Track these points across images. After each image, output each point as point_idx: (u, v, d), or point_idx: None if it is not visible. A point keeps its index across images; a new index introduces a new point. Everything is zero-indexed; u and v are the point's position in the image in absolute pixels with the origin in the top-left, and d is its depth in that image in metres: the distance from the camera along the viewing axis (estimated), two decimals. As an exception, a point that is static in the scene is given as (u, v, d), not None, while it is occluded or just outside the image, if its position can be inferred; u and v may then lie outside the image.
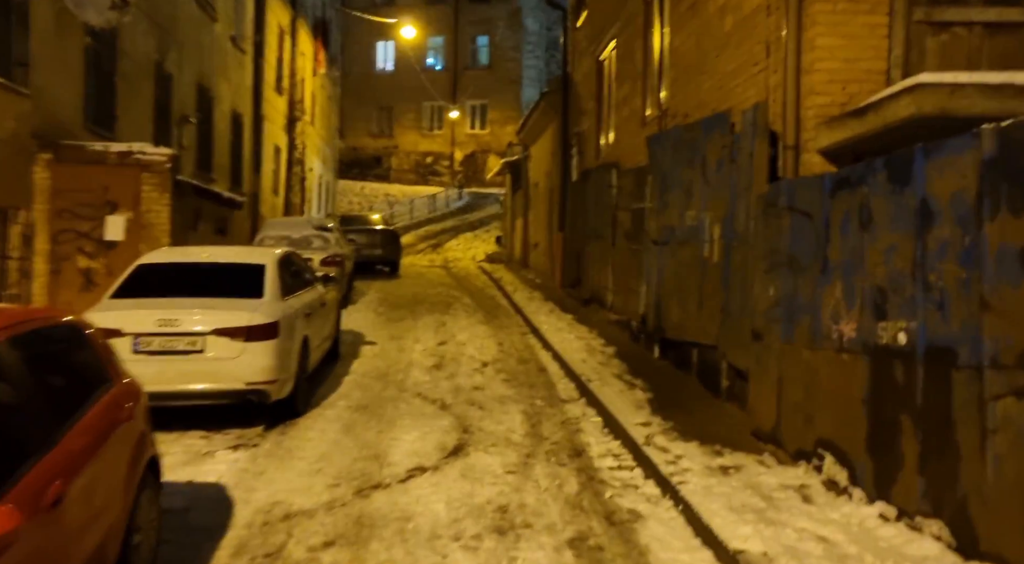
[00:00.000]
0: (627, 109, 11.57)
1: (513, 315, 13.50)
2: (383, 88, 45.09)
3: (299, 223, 14.34)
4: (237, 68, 19.00)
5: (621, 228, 11.21)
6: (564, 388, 8.36)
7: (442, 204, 40.75)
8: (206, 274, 7.15)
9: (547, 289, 16.09)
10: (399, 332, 11.66)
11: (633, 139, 11.14)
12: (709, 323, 7.44)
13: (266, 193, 22.04)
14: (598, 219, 12.63)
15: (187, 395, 6.34)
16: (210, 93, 16.88)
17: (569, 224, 15.48)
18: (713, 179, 7.47)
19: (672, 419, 6.63)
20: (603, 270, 12.19)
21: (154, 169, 9.89)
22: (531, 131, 19.89)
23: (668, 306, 8.50)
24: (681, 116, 8.92)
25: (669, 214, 8.51)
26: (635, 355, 9.40)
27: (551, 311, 13.04)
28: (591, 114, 14.11)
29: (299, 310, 7.36)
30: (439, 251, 28.77)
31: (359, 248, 19.18)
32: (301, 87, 25.78)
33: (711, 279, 7.46)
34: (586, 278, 13.54)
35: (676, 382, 8.00)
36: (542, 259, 19.13)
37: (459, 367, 9.32)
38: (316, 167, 29.92)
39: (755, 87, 6.82)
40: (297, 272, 8.34)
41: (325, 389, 8.16)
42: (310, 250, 13.41)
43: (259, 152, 20.79)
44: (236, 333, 6.39)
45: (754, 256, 6.27)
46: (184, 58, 15.15)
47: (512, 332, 11.85)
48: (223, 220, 12.91)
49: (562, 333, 10.96)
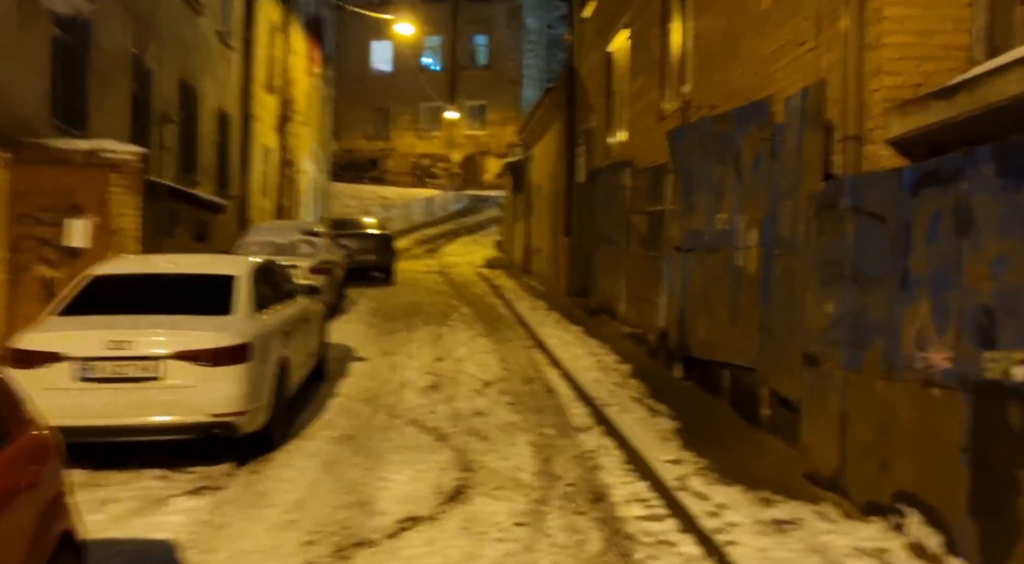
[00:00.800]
0: (642, 103, 10.67)
1: (516, 327, 12.58)
2: (379, 89, 44.19)
3: (285, 228, 13.41)
4: (224, 65, 18.09)
5: (635, 233, 10.30)
6: (577, 414, 7.44)
7: (439, 207, 39.82)
8: (168, 287, 6.23)
9: (552, 298, 15.17)
10: (392, 346, 10.73)
11: (649, 135, 10.23)
12: (744, 342, 6.52)
13: (255, 196, 21.12)
14: (609, 223, 11.71)
15: (141, 430, 5.42)
16: (194, 91, 15.96)
17: (576, 228, 14.57)
18: (749, 177, 6.56)
19: (707, 455, 5.71)
20: (615, 278, 11.27)
21: (123, 169, 8.96)
22: (534, 130, 18.99)
23: (694, 321, 7.58)
24: (707, 108, 8.01)
25: (695, 217, 7.60)
26: (654, 374, 8.48)
27: (557, 322, 12.11)
28: (600, 110, 13.21)
29: (276, 328, 6.43)
30: (436, 256, 27.82)
31: (352, 254, 18.25)
32: (293, 86, 24.88)
33: (746, 291, 6.54)
34: (595, 286, 12.63)
35: (705, 408, 7.08)
36: (545, 265, 18.22)
37: (458, 388, 8.39)
38: (309, 169, 29.00)
39: (802, 70, 5.92)
40: (276, 283, 7.42)
41: (307, 415, 7.23)
42: (297, 257, 12.48)
43: (248, 153, 19.87)
44: (200, 356, 5.46)
45: (804, 266, 5.35)
46: (165, 53, 14.23)
47: (516, 346, 10.93)
48: (204, 225, 11.99)
49: (571, 348, 10.03)
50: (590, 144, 13.89)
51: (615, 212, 11.36)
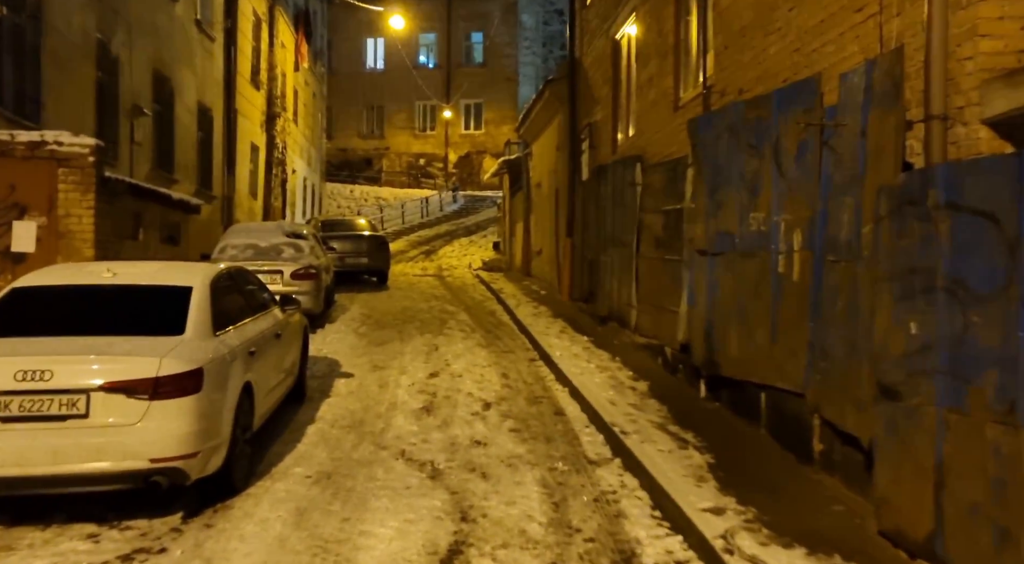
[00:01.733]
0: (654, 92, 9.70)
1: (517, 336, 11.60)
2: (373, 87, 43.22)
3: (268, 230, 12.42)
4: (204, 56, 17.09)
5: (649, 233, 9.34)
6: (591, 442, 6.47)
7: (435, 208, 38.87)
8: (106, 303, 5.24)
9: (554, 303, 14.20)
10: (383, 359, 9.75)
11: (663, 127, 9.28)
12: (789, 362, 5.56)
13: (242, 196, 20.13)
14: (617, 223, 10.75)
15: (60, 480, 4.42)
16: (170, 82, 14.97)
17: (580, 229, 13.61)
18: (791, 170, 5.60)
19: (752, 501, 4.74)
20: (625, 283, 10.31)
21: (74, 163, 7.98)
22: (533, 126, 18.04)
23: (724, 334, 6.61)
24: (734, 93, 7.06)
25: (723, 217, 6.63)
26: (676, 393, 7.52)
27: (562, 331, 11.14)
28: (605, 102, 12.25)
29: (239, 348, 5.45)
30: (432, 258, 26.85)
31: (343, 256, 17.29)
32: (281, 81, 23.90)
33: (790, 303, 5.58)
34: (602, 292, 11.67)
35: (740, 438, 6.11)
36: (547, 268, 17.25)
37: (455, 410, 7.42)
38: (300, 168, 28.01)
39: (860, 42, 4.96)
40: (245, 294, 6.44)
41: (280, 446, 6.25)
42: (279, 261, 11.51)
43: (233, 151, 18.87)
44: (137, 388, 4.48)
45: (872, 275, 4.39)
46: (136, 40, 13.24)
47: (518, 358, 9.95)
48: (174, 227, 11.00)
49: (579, 361, 9.06)
50: (595, 139, 12.93)
51: (625, 211, 10.41)
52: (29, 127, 9.27)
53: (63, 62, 10.71)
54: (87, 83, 11.54)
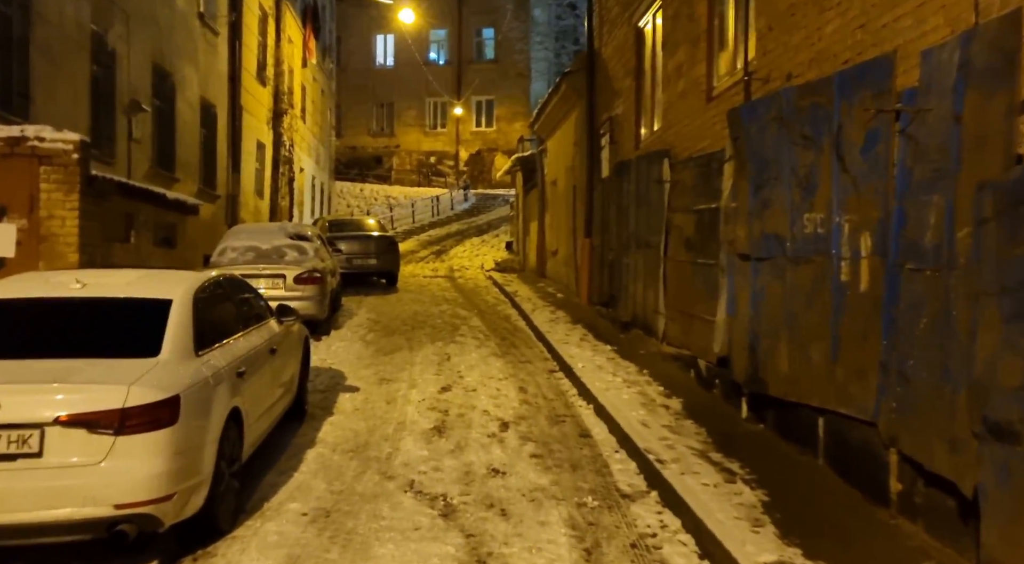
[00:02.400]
0: (683, 82, 8.98)
1: (534, 344, 10.91)
2: (383, 84, 42.61)
3: (270, 231, 11.77)
4: (208, 51, 16.48)
5: (678, 235, 8.63)
6: (623, 471, 5.76)
7: (446, 206, 38.22)
8: (73, 318, 4.59)
9: (572, 307, 13.50)
10: (391, 370, 9.08)
11: (693, 119, 8.56)
12: (855, 385, 4.84)
13: (247, 195, 19.54)
14: (642, 223, 10.04)
15: (6, 532, 3.76)
16: (171, 77, 14.36)
17: (599, 229, 12.90)
18: (857, 163, 4.88)
19: (822, 554, 4.03)
20: (651, 288, 9.60)
21: (57, 161, 7.35)
22: (548, 121, 17.32)
23: (771, 349, 5.89)
24: (780, 79, 6.33)
25: (771, 217, 5.91)
26: (714, 413, 6.80)
27: (583, 339, 10.44)
28: (627, 95, 11.53)
29: (226, 369, 4.78)
30: (443, 258, 26.19)
31: (351, 257, 16.66)
32: (288, 77, 23.29)
33: (856, 316, 4.86)
34: (624, 296, 10.96)
35: (794, 469, 5.39)
36: (563, 269, 16.55)
37: (469, 431, 6.73)
38: (308, 167, 27.42)
39: (946, 13, 4.23)
40: (236, 305, 5.79)
41: (275, 475, 5.59)
42: (282, 264, 10.87)
43: (238, 148, 18.29)
44: (100, 421, 3.82)
45: (973, 288, 3.67)
46: (134, 33, 12.63)
47: (536, 370, 9.26)
48: (170, 228, 10.36)
49: (603, 374, 8.36)
50: (615, 134, 12.21)
51: (650, 210, 9.70)
52: (17, 123, 8.65)
53: (54, 55, 10.10)
54: (81, 77, 10.93)
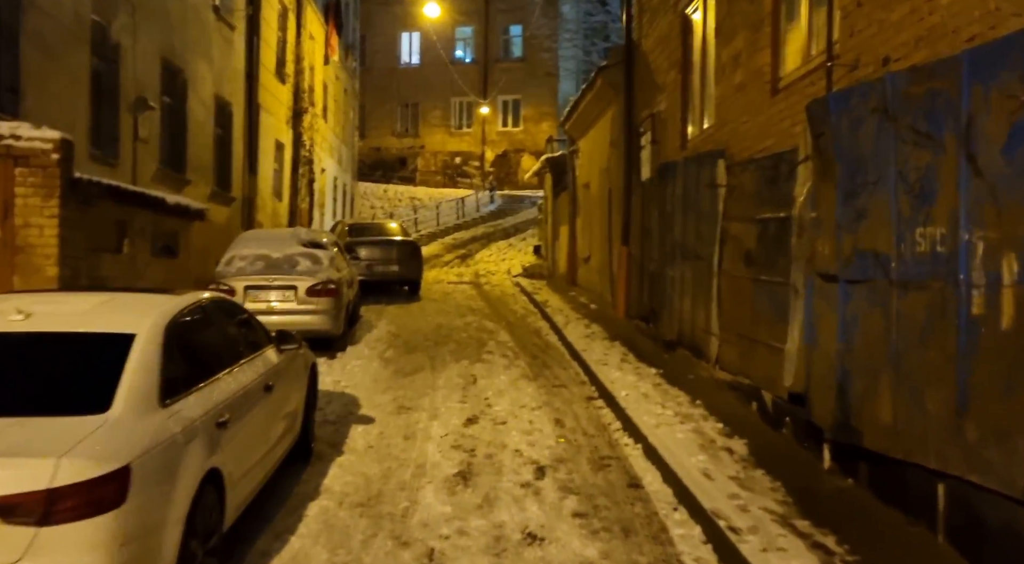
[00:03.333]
0: (741, 73, 7.95)
1: (569, 364, 9.91)
2: (408, 83, 41.85)
3: (282, 238, 10.87)
4: (223, 46, 15.69)
5: (735, 246, 7.60)
6: (686, 538, 4.75)
7: (472, 208, 37.32)
8: (4, 361, 3.68)
9: (608, 321, 12.48)
10: (411, 396, 8.14)
11: (755, 115, 7.53)
12: (993, 448, 3.79)
13: (265, 198, 18.76)
14: (690, 231, 9.02)
15: None
16: (182, 73, 13.57)
17: (638, 236, 11.88)
18: (996, 167, 3.84)
19: None
20: (701, 305, 8.57)
21: (35, 162, 6.51)
22: (580, 120, 16.31)
23: (869, 391, 4.85)
24: (874, 63, 5.30)
25: (868, 230, 4.88)
26: (787, 459, 5.77)
27: (623, 359, 9.42)
28: (672, 89, 10.50)
29: (201, 421, 3.85)
30: (469, 263, 25.27)
31: (371, 264, 15.80)
32: (309, 75, 22.51)
33: (995, 360, 3.81)
34: (668, 312, 9.93)
35: (906, 546, 4.34)
36: (596, 278, 15.53)
37: (499, 478, 5.75)
38: (330, 168, 26.65)
39: None
40: (224, 334, 4.87)
41: (267, 541, 4.64)
42: (294, 275, 9.98)
43: (254, 148, 17.50)
44: (17, 508, 2.89)
45: None
46: (141, 25, 11.83)
47: (573, 396, 8.27)
48: (171, 235, 9.51)
49: (650, 404, 7.34)
50: (657, 133, 11.19)
51: (700, 218, 8.68)
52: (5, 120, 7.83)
53: (49, 46, 9.29)
54: (80, 72, 10.13)
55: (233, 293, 9.66)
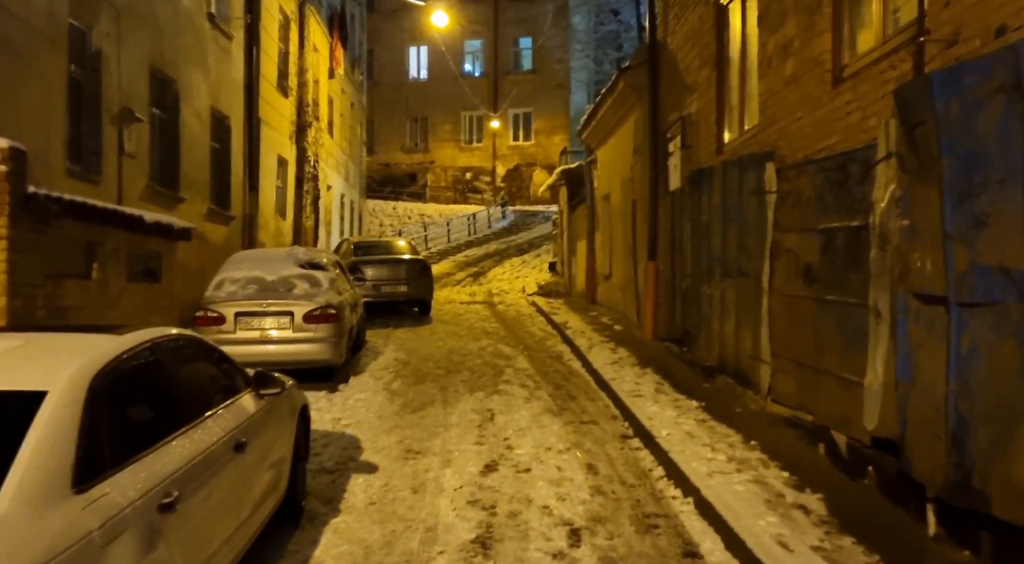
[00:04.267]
0: (793, 63, 6.97)
1: (596, 394, 8.89)
2: (416, 98, 41.13)
3: (277, 258, 9.91)
4: (220, 56, 14.87)
5: (790, 261, 6.60)
6: (770, 637, 3.72)
7: (483, 225, 36.40)
8: None
9: (635, 343, 11.45)
10: (420, 436, 7.15)
11: (812, 110, 6.54)
12: None
13: (267, 216, 17.89)
14: (731, 243, 8.02)
15: None
16: (174, 84, 12.73)
17: (666, 250, 10.88)
18: None
19: None
20: (746, 327, 7.56)
21: (-22, 175, 5.56)
22: (599, 127, 15.36)
23: (999, 444, 3.82)
24: (982, 35, 4.31)
25: (993, 241, 3.87)
26: (878, 521, 4.72)
27: (658, 389, 8.39)
28: (705, 89, 9.53)
29: (138, 505, 2.87)
30: (481, 281, 24.29)
31: (378, 285, 14.87)
32: (313, 88, 21.72)
33: None
34: (706, 334, 8.91)
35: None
36: (618, 295, 14.52)
37: (526, 547, 4.73)
38: (336, 184, 25.82)
39: None
40: (180, 382, 3.91)
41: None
42: (290, 299, 9.03)
43: (255, 164, 16.64)
44: None
45: None
46: (127, 31, 10.99)
47: (605, 435, 7.24)
48: (152, 258, 8.57)
49: (697, 445, 6.30)
50: (688, 137, 10.21)
51: (743, 228, 7.69)
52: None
53: (18, 51, 8.44)
54: (55, 80, 9.27)
55: (222, 320, 8.72)
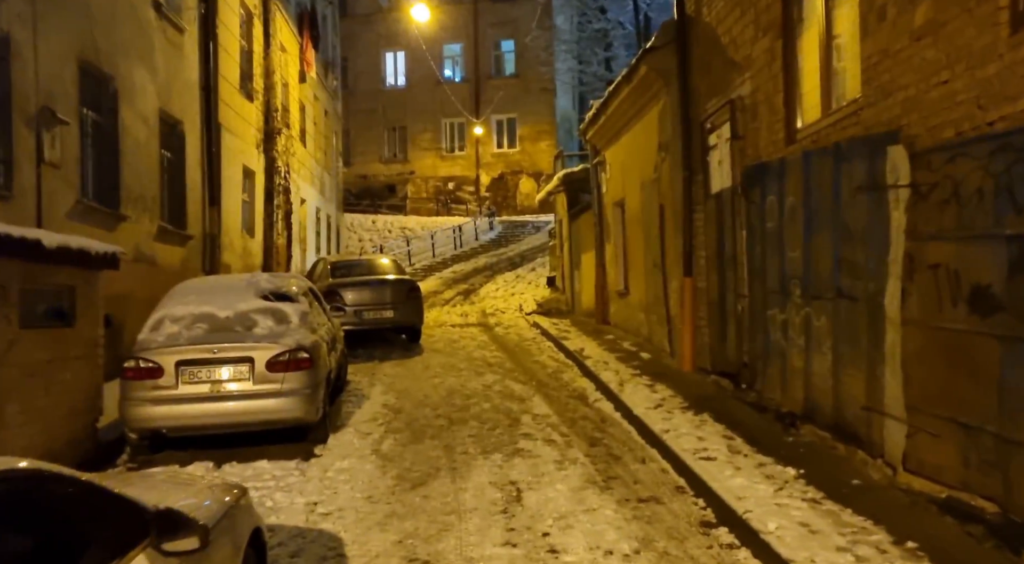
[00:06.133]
0: (926, 8, 5.11)
1: (646, 452, 6.89)
2: (394, 106, 39.19)
3: (235, 288, 7.88)
4: (170, 52, 12.87)
5: (942, 281, 4.74)
6: None
7: (470, 237, 34.42)
8: None
9: (673, 377, 9.51)
10: (425, 533, 5.16)
11: (968, 69, 4.68)
12: None
13: (232, 234, 15.84)
14: (822, 256, 6.16)
15: None
16: (112, 82, 10.72)
17: (711, 265, 9.00)
18: None
19: None
20: (857, 367, 5.68)
21: None
22: (610, 123, 13.49)
23: None
24: None
25: None
26: None
27: (731, 446, 6.41)
28: (766, 63, 7.68)
29: None
30: (473, 300, 22.31)
31: (360, 310, 12.90)
32: (283, 93, 19.74)
33: None
34: (780, 370, 7.03)
35: None
36: (638, 316, 12.63)
37: None
38: (311, 197, 23.79)
39: None
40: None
41: None
42: (250, 342, 7.02)
43: (216, 175, 14.61)
44: None
45: None
46: (46, 14, 8.97)
47: (677, 522, 5.28)
48: (63, 293, 6.52)
49: (830, 550, 4.36)
50: (741, 125, 8.37)
51: (847, 237, 5.84)
52: None
53: None
54: (-59, 68, 7.25)
55: (159, 372, 6.72)
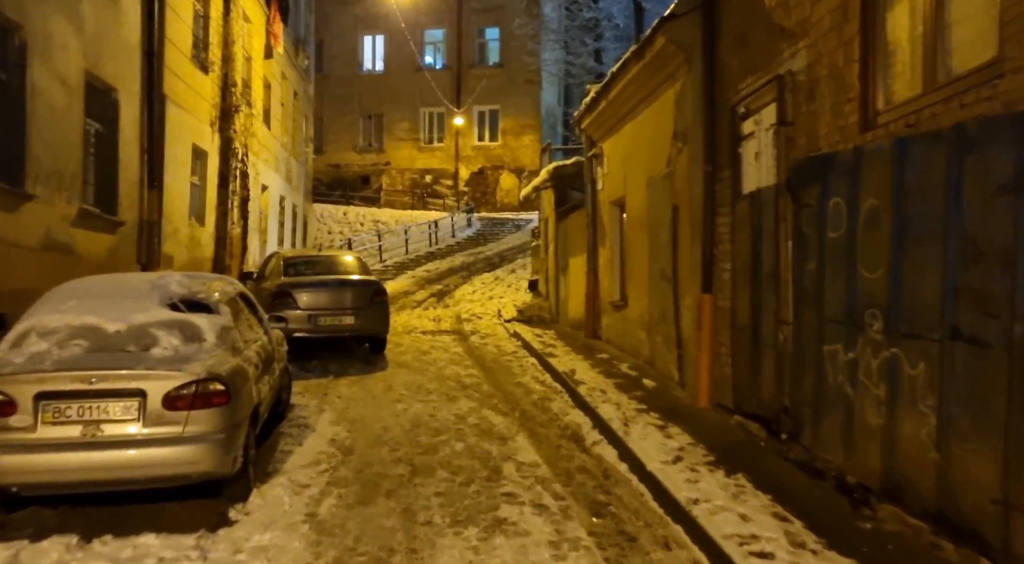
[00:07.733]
0: None
1: (669, 531, 5.16)
2: (371, 92, 37.30)
3: (133, 292, 6.04)
4: (101, 4, 10.98)
5: None
6: None
7: (447, 233, 32.65)
8: None
9: (686, 415, 7.84)
10: None
11: None
12: None
13: (177, 220, 13.97)
14: (921, 279, 4.52)
15: None
16: (18, 32, 8.87)
17: (741, 279, 7.35)
18: None
19: None
20: (985, 443, 4.05)
21: None
22: (610, 111, 11.81)
23: None
24: None
25: None
26: None
27: (788, 532, 4.74)
28: (831, 26, 6.01)
29: None
30: (447, 302, 20.55)
31: (315, 315, 11.13)
32: (244, 66, 17.84)
33: None
34: (837, 423, 5.39)
35: None
36: (637, 334, 10.97)
37: None
38: (274, 184, 21.88)
39: None
40: None
41: None
42: (141, 368, 5.19)
43: (158, 153, 12.74)
44: None
45: None
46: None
47: None
48: None
49: None
50: (792, 108, 6.71)
51: (975, 255, 4.22)
52: None
53: None
54: None
55: (12, 407, 4.91)
